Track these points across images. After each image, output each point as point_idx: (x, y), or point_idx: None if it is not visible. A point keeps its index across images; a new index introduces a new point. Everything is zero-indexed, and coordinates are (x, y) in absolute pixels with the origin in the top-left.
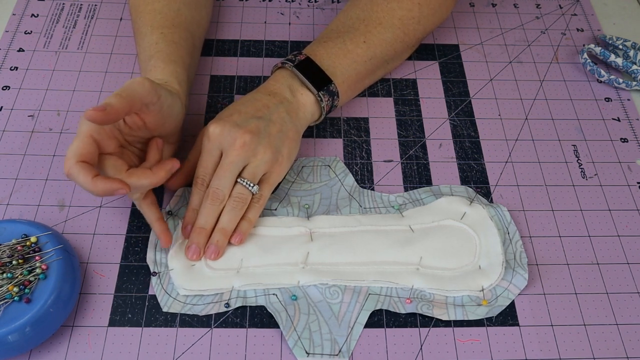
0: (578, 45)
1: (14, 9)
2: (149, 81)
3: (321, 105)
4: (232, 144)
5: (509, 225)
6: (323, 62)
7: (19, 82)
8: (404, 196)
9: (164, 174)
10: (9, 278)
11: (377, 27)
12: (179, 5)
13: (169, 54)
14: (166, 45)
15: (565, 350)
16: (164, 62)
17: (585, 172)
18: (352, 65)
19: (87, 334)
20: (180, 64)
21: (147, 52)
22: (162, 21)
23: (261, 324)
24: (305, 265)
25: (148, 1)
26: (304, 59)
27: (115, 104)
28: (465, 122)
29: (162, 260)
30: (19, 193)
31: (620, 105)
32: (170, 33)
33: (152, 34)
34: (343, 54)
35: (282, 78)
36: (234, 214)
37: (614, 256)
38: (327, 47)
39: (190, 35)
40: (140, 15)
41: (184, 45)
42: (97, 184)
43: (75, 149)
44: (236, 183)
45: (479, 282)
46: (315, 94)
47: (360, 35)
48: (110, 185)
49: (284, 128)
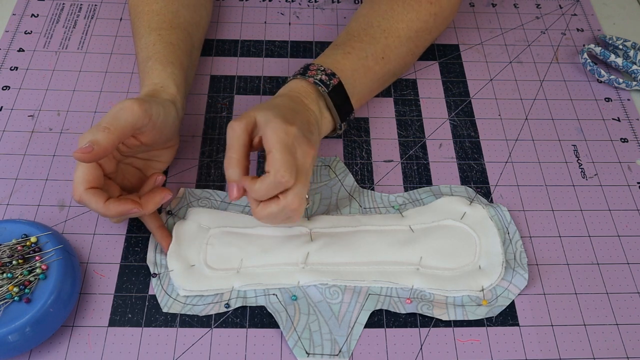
0: (578, 45)
1: (14, 9)
2: (138, 105)
3: (337, 132)
4: (308, 153)
5: (509, 225)
6: (347, 81)
7: (19, 82)
8: (404, 196)
9: (152, 206)
10: (9, 278)
11: (395, 41)
12: (177, 7)
13: (166, 56)
14: (163, 47)
15: (565, 350)
16: (161, 64)
17: (585, 172)
18: (369, 83)
19: (87, 334)
20: (178, 65)
21: (145, 54)
22: (160, 22)
23: (261, 324)
24: (305, 265)
25: (146, 2)
26: (337, 84)
27: (103, 141)
28: (465, 122)
29: (162, 261)
30: (19, 193)
31: (620, 105)
32: (168, 34)
33: (150, 35)
34: (364, 71)
35: (312, 94)
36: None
37: (614, 256)
38: (352, 61)
39: (189, 36)
40: (139, 16)
41: (181, 47)
42: (109, 208)
43: (82, 175)
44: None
45: (479, 282)
46: (338, 124)
47: (380, 51)
48: (124, 207)
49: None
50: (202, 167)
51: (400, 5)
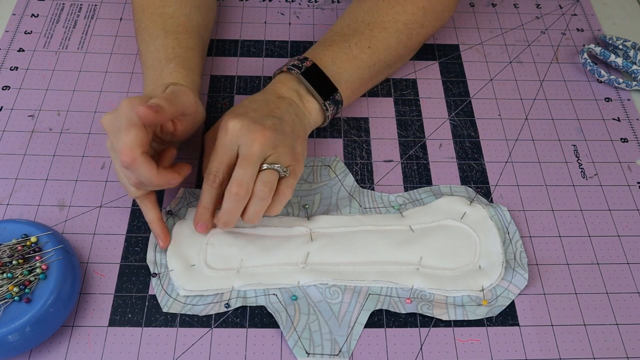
0: (578, 45)
1: (14, 9)
2: (193, 93)
3: (326, 114)
4: (253, 139)
5: (509, 225)
6: (328, 68)
7: (19, 82)
8: (404, 196)
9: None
10: (9, 278)
11: (381, 32)
12: (189, 9)
13: (187, 60)
14: (183, 52)
15: (565, 350)
16: (184, 69)
17: (585, 172)
18: (357, 71)
19: (87, 334)
20: (197, 71)
21: (161, 55)
22: (175, 26)
23: (261, 324)
24: (305, 265)
25: (157, 4)
26: (310, 65)
27: (167, 108)
28: (465, 122)
29: (162, 261)
30: (19, 193)
31: (620, 105)
32: (185, 39)
33: (167, 38)
34: (348, 59)
35: (289, 82)
36: (260, 206)
37: (614, 256)
38: (333, 51)
39: (202, 41)
40: (150, 17)
41: (198, 52)
42: (161, 176)
43: (136, 138)
44: (260, 172)
45: (479, 282)
46: (321, 103)
47: (365, 40)
48: (171, 176)
49: (295, 129)
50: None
51: (385, 1)
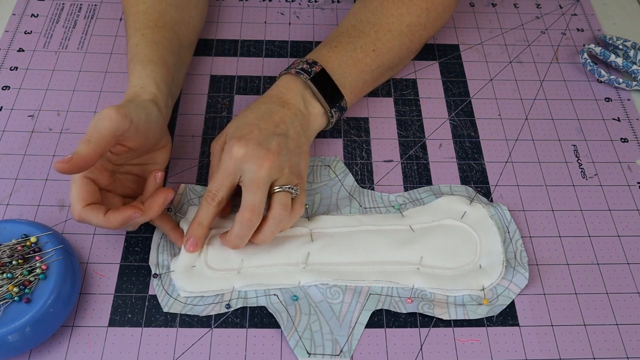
0: (578, 45)
1: (14, 9)
2: (116, 111)
3: (330, 120)
4: (260, 164)
5: (509, 224)
6: (334, 72)
7: (19, 82)
8: (404, 196)
9: (157, 208)
10: (9, 278)
11: (386, 35)
12: (164, 7)
13: (147, 54)
14: (145, 46)
15: (565, 350)
16: (141, 64)
17: (585, 172)
18: (361, 75)
19: (87, 334)
20: (161, 63)
21: (129, 56)
22: (145, 22)
23: (261, 324)
24: (305, 265)
25: (133, 3)
26: (319, 71)
27: (83, 152)
28: (465, 122)
29: (164, 262)
30: (19, 193)
31: (620, 105)
32: (151, 34)
33: (134, 36)
34: (353, 63)
35: (295, 87)
36: (277, 227)
37: (614, 256)
38: (339, 53)
39: (175, 35)
40: (127, 18)
41: (166, 45)
42: (110, 220)
43: (76, 194)
44: (274, 194)
45: (480, 281)
46: (328, 110)
47: (370, 43)
48: (124, 215)
49: (300, 143)
50: (202, 167)
51: (390, 2)
